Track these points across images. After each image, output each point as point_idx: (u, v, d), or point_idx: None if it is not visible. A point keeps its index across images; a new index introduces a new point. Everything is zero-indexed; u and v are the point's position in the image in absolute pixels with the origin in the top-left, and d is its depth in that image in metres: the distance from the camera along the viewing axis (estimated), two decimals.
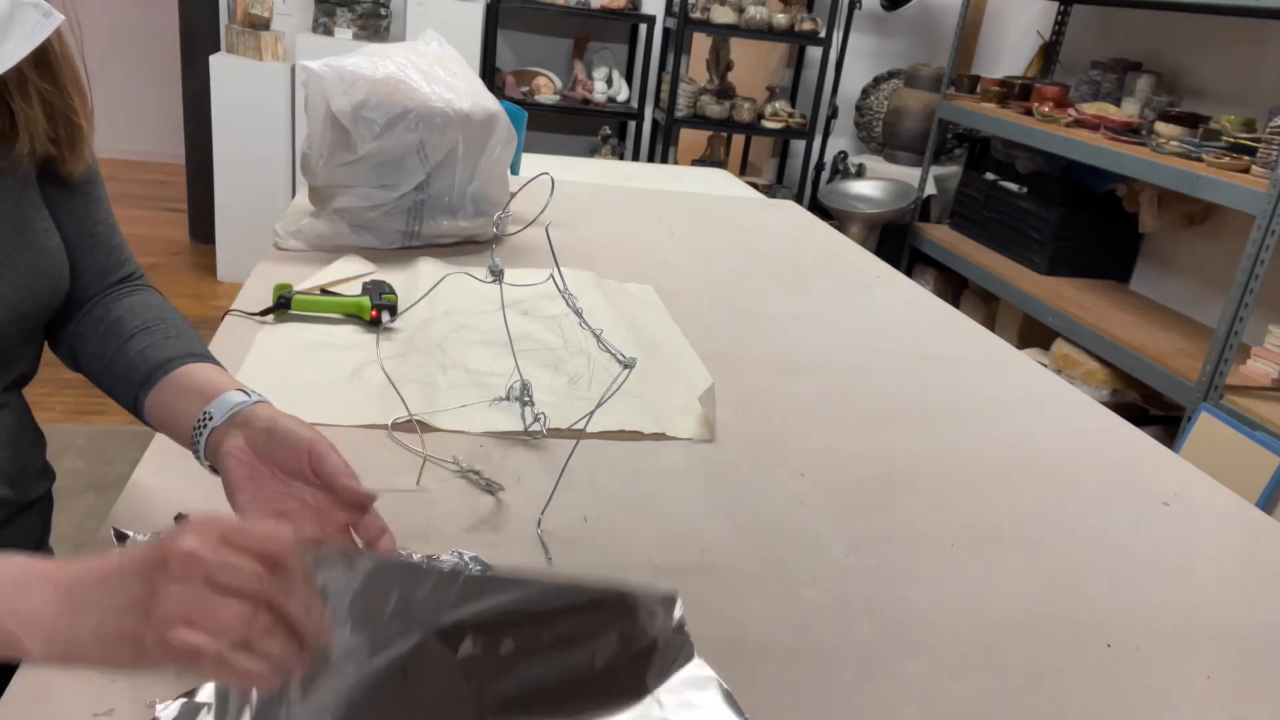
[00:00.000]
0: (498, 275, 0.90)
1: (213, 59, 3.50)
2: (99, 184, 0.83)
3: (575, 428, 0.98)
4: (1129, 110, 3.18)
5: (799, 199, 4.25)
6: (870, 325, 1.50)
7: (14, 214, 0.73)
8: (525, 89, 4.05)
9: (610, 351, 0.84)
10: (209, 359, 0.75)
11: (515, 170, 1.72)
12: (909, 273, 3.82)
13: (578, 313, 0.94)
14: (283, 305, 1.17)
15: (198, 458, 0.67)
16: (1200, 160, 2.56)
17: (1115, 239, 3.39)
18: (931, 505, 0.96)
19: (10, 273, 0.72)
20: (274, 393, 1.00)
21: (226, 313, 1.17)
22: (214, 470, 0.66)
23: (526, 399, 0.98)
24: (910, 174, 4.04)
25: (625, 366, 0.86)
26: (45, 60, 0.71)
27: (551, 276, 0.95)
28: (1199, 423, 2.31)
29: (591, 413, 0.90)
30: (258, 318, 1.16)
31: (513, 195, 0.89)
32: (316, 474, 0.61)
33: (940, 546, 0.89)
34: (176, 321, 0.79)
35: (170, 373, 0.72)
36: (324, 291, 1.28)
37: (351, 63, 1.39)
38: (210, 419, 0.66)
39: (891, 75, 4.46)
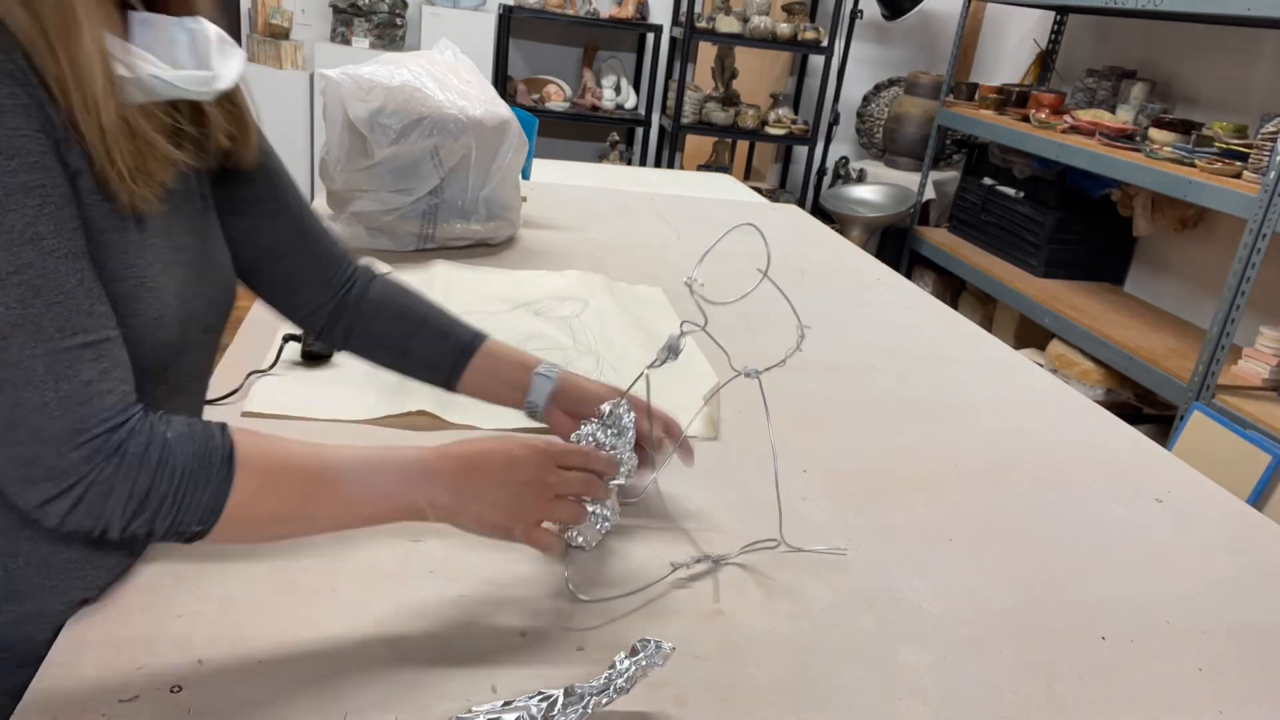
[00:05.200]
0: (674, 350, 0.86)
1: None
2: (284, 177, 0.83)
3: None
4: (1123, 117, 3.22)
5: (801, 203, 4.29)
6: (870, 326, 1.53)
7: (204, 231, 0.73)
8: (536, 96, 4.09)
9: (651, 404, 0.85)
10: (482, 336, 0.89)
11: (526, 175, 1.76)
12: (908, 275, 3.85)
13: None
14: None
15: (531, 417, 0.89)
16: (1193, 166, 2.60)
17: (1110, 242, 3.42)
18: (930, 501, 0.98)
19: (208, 290, 0.72)
20: (292, 389, 1.04)
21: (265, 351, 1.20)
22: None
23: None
24: (910, 179, 4.08)
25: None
26: None
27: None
28: (1191, 421, 2.35)
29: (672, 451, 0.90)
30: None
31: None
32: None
33: (938, 541, 0.91)
34: (437, 307, 0.90)
35: (470, 360, 0.87)
36: None
37: (368, 71, 1.43)
38: (536, 408, 0.87)
39: (892, 83, 4.51)
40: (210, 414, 0.96)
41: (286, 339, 1.10)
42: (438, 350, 0.87)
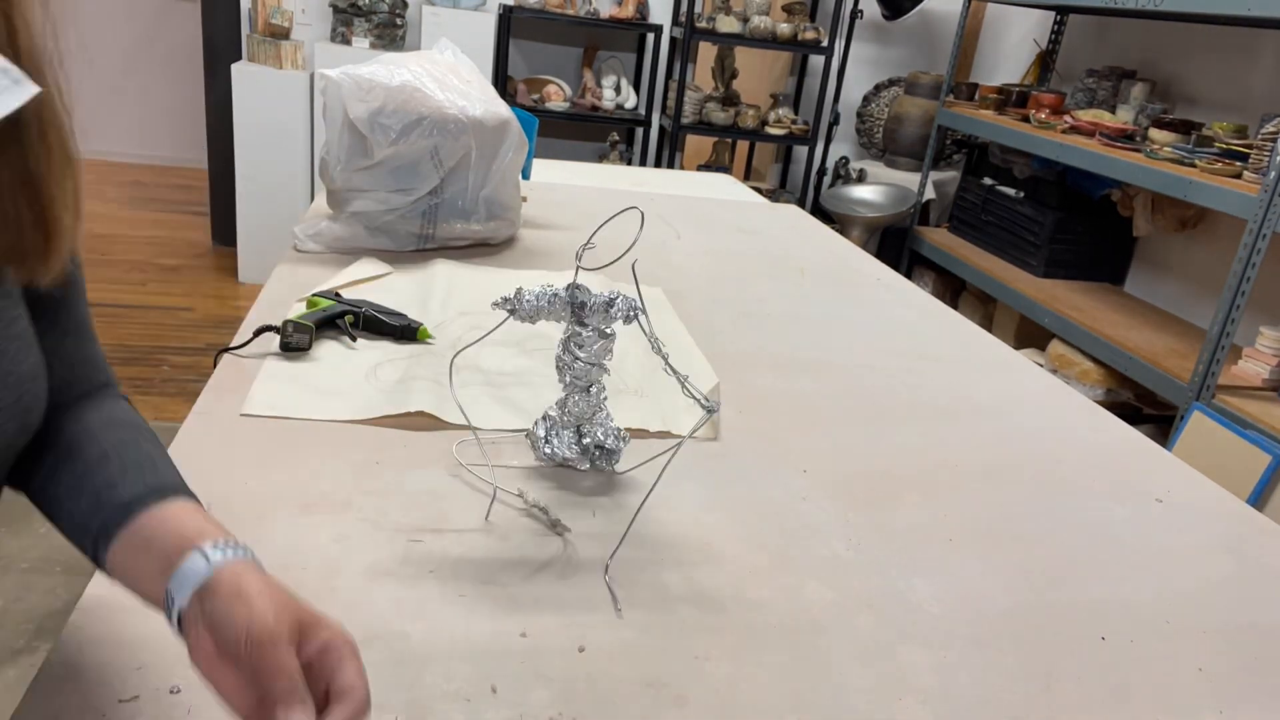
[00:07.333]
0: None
1: (234, 68, 3.56)
2: (76, 285, 0.63)
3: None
4: (1123, 117, 3.22)
5: (802, 203, 4.29)
6: (870, 326, 1.53)
7: None
8: (536, 96, 4.10)
9: (693, 394, 0.82)
10: (174, 491, 0.57)
11: (526, 175, 1.76)
12: (908, 275, 3.86)
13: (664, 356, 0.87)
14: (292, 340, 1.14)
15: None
16: (1193, 166, 2.60)
17: (1110, 243, 3.43)
18: (930, 501, 0.98)
19: None
20: (291, 390, 1.03)
21: (263, 326, 1.20)
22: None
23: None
24: (910, 179, 4.09)
25: (708, 410, 0.83)
26: (13, 139, 0.52)
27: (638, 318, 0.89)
28: (1191, 421, 2.35)
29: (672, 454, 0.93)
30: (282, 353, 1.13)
31: (601, 231, 0.88)
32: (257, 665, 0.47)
33: (938, 541, 0.91)
34: (139, 446, 0.61)
35: (129, 522, 0.55)
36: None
37: (368, 71, 1.43)
38: (174, 600, 0.51)
39: (892, 83, 4.51)
40: (208, 415, 0.96)
41: (258, 331, 1.11)
42: (89, 506, 0.56)
